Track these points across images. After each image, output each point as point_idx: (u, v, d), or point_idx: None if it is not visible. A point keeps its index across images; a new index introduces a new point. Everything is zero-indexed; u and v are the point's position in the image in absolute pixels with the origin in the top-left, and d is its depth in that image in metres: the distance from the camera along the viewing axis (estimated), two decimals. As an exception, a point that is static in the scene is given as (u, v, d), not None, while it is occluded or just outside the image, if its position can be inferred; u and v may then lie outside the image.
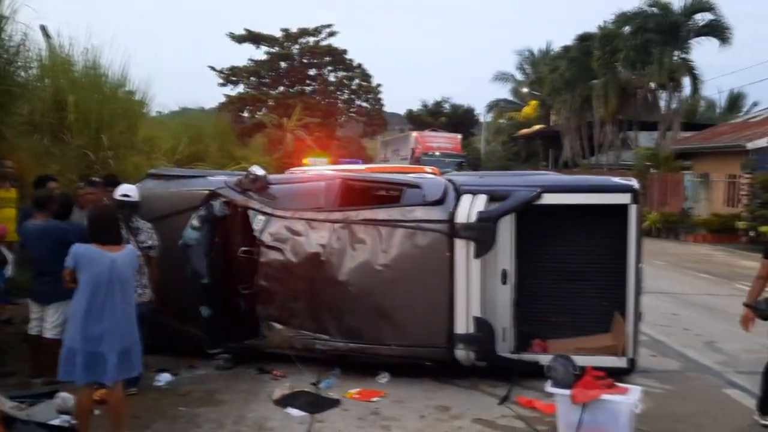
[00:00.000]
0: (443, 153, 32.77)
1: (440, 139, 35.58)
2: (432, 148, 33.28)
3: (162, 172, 7.79)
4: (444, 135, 37.43)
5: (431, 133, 37.38)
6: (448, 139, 35.71)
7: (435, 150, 32.87)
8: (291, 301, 6.55)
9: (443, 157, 31.30)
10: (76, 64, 12.71)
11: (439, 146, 33.71)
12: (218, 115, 28.58)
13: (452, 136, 36.72)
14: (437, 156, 31.42)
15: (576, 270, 6.72)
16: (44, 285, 5.92)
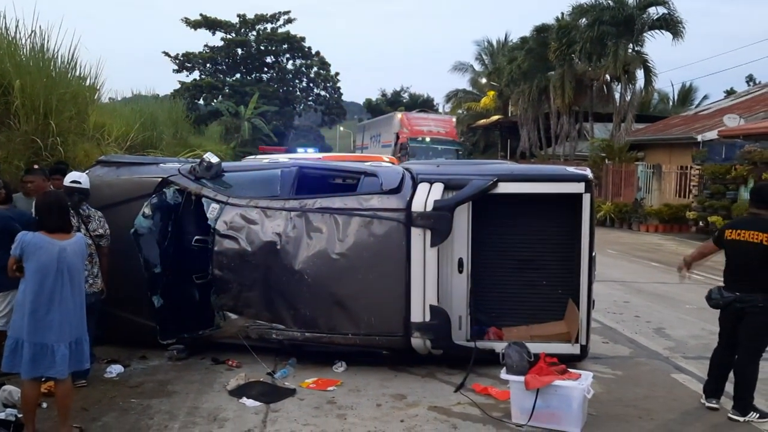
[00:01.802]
0: (435, 139, 27.46)
1: (431, 122, 29.64)
2: (421, 132, 27.72)
3: (112, 159, 7.57)
4: (436, 117, 31.65)
5: (420, 115, 31.13)
6: (440, 122, 29.85)
7: (425, 135, 27.34)
8: (246, 291, 6.47)
9: (435, 144, 26.69)
10: (23, 47, 12.26)
11: (429, 130, 28.10)
12: (172, 102, 27.97)
13: (445, 119, 31.06)
14: (427, 143, 26.58)
15: (531, 258, 6.82)
16: None
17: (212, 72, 48.97)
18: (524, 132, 36.15)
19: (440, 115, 33.38)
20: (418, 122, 29.15)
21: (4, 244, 5.52)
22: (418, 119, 29.72)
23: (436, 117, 31.97)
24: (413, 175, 6.57)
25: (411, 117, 29.96)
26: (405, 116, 29.65)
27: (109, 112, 17.87)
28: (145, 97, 25.00)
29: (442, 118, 31.58)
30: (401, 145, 26.54)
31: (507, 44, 42.06)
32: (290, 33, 49.49)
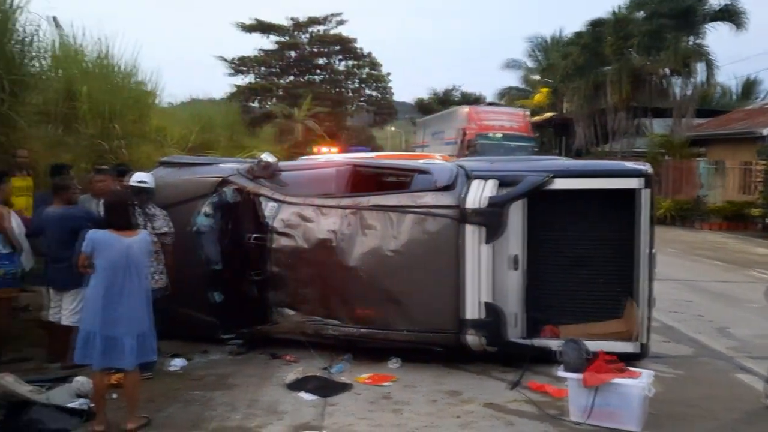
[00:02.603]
0: (507, 135, 23.90)
1: (502, 115, 25.73)
2: (491, 127, 24.14)
3: (173, 160, 7.83)
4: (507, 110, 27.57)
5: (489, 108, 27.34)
6: (512, 116, 25.81)
7: (495, 130, 23.93)
8: (302, 287, 6.60)
9: (507, 141, 23.32)
10: (88, 54, 12.79)
11: (500, 125, 24.43)
12: (227, 105, 28.62)
13: (518, 112, 27.03)
14: (498, 139, 23.32)
15: (588, 256, 6.70)
16: (59, 272, 6.02)
17: (265, 75, 49.79)
18: (579, 129, 35.49)
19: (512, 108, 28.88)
20: (487, 116, 25.10)
21: (74, 243, 5.82)
22: (487, 113, 25.68)
23: (508, 110, 27.58)
24: (467, 171, 6.56)
25: (479, 111, 26.09)
26: (472, 110, 26.09)
27: (169, 115, 18.46)
28: (201, 101, 25.67)
29: (514, 112, 27.14)
30: (468, 142, 23.35)
31: (560, 40, 41.40)
32: (342, 35, 49.88)
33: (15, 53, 8.37)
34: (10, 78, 7.69)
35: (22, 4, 8.30)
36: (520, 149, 22.57)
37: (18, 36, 8.55)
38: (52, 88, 11.03)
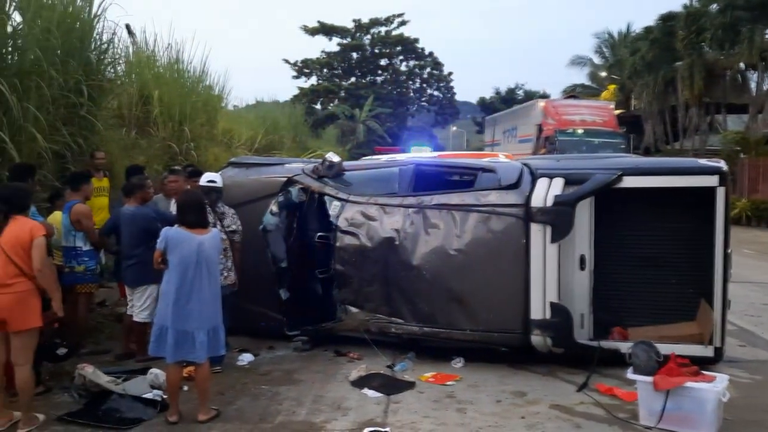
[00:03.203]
0: (590, 130, 21.08)
1: (584, 109, 22.83)
2: (572, 122, 21.39)
3: (242, 161, 8.04)
4: (589, 103, 24.65)
5: (569, 102, 24.34)
6: (595, 110, 22.95)
7: (577, 125, 21.17)
8: (366, 285, 6.65)
9: (591, 137, 20.59)
10: (160, 59, 13.29)
11: (582, 119, 21.71)
12: (292, 107, 29.15)
13: (602, 105, 24.11)
14: (580, 135, 20.59)
15: (658, 256, 6.51)
16: (130, 268, 6.29)
17: (329, 77, 50.47)
18: (648, 126, 34.43)
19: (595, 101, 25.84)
20: (568, 110, 22.34)
21: (144, 241, 6.07)
22: (567, 107, 22.91)
23: (590, 103, 24.65)
24: (532, 170, 6.47)
25: (558, 105, 23.41)
26: (550, 104, 23.34)
27: (235, 118, 18.96)
28: (266, 103, 26.21)
29: (598, 105, 24.25)
30: (546, 138, 20.91)
31: (629, 35, 40.26)
32: (404, 35, 50.04)
33: (93, 60, 8.77)
34: (88, 83, 8.06)
35: (100, 13, 8.70)
36: (605, 146, 19.80)
37: (96, 43, 8.96)
38: (126, 92, 11.52)
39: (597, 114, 22.57)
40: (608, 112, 23.11)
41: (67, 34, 7.87)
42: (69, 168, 7.54)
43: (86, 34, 8.52)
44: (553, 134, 20.94)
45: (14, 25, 7.34)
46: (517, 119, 26.76)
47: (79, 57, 8.05)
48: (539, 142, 21.95)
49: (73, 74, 7.74)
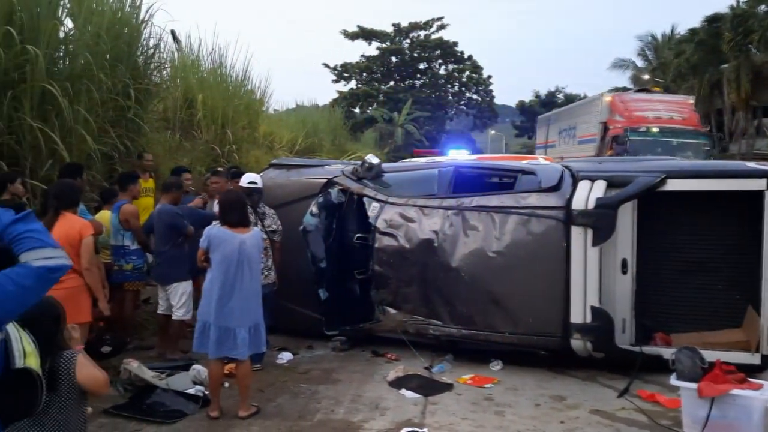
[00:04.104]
0: (667, 129, 17.57)
1: (658, 104, 19.10)
2: (645, 120, 17.93)
3: (283, 162, 8.17)
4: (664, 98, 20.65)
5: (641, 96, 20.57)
6: (672, 105, 19.20)
7: (650, 123, 17.68)
8: (404, 287, 6.67)
9: (669, 137, 17.26)
10: (204, 64, 13.58)
11: (657, 116, 18.17)
12: (331, 110, 29.38)
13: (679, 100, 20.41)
14: (655, 134, 17.18)
15: (703, 260, 6.36)
16: (159, 266, 6.43)
17: (368, 80, 50.72)
18: (693, 130, 33.65)
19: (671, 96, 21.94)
20: (639, 105, 18.89)
21: (171, 239, 6.22)
22: (638, 101, 19.35)
23: (667, 98, 20.76)
24: (573, 172, 6.41)
25: (628, 99, 19.76)
26: (618, 98, 19.78)
27: (276, 121, 19.20)
28: (306, 107, 26.48)
29: (676, 100, 20.46)
30: (614, 138, 17.81)
31: (673, 37, 39.48)
32: (443, 39, 49.99)
33: (140, 64, 9.01)
34: (135, 87, 8.28)
35: (147, 18, 8.94)
36: (685, 147, 16.85)
37: (143, 48, 9.21)
38: (171, 96, 11.80)
39: (675, 110, 18.91)
40: (688, 108, 19.39)
41: (115, 39, 8.11)
42: (117, 169, 7.76)
43: (134, 39, 8.77)
44: (622, 133, 17.51)
45: (66, 30, 7.60)
46: (576, 117, 23.01)
47: (127, 61, 8.29)
48: (604, 143, 18.80)
49: (122, 78, 7.97)
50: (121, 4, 8.61)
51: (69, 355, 2.93)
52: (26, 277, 1.94)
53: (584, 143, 20.88)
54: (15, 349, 2.05)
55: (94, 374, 2.95)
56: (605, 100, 19.92)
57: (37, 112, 6.57)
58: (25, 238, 1.99)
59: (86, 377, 2.92)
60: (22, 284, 1.93)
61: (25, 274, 1.95)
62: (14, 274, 1.94)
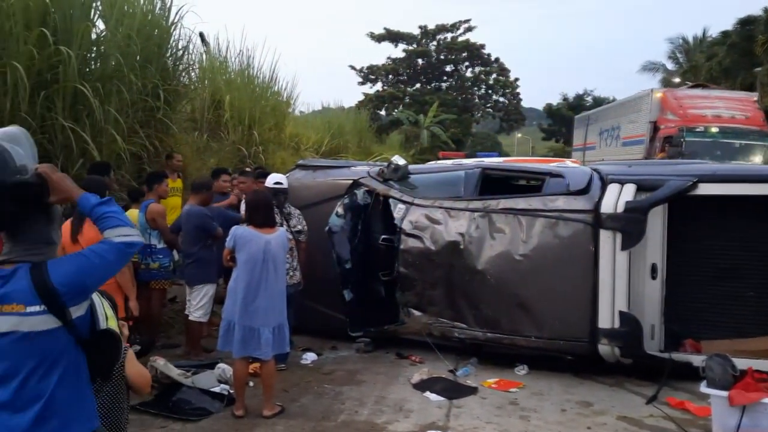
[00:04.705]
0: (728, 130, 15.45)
1: (717, 101, 16.90)
2: (702, 118, 15.82)
3: (309, 163, 8.20)
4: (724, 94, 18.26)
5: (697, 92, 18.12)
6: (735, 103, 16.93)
7: (709, 122, 15.60)
8: (429, 289, 6.64)
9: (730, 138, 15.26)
10: (232, 65, 13.70)
11: (716, 115, 16.00)
12: (357, 112, 29.45)
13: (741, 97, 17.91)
14: (713, 134, 15.16)
15: (735, 266, 6.22)
16: (186, 267, 6.46)
17: (394, 83, 50.74)
18: (725, 134, 33.01)
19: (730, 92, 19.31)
20: (696, 103, 16.63)
21: (198, 240, 6.25)
22: (695, 98, 17.05)
23: (726, 94, 18.36)
24: (602, 175, 6.33)
25: (683, 95, 17.33)
26: (671, 95, 17.39)
27: (302, 123, 19.30)
28: (332, 109, 26.59)
29: (737, 97, 18.02)
30: (666, 139, 15.66)
31: (705, 40, 38.86)
32: (470, 41, 49.81)
33: (170, 65, 9.12)
34: (165, 88, 8.38)
35: (177, 20, 9.05)
36: (748, 150, 15.08)
37: (172, 50, 9.32)
38: (199, 97, 11.92)
39: (737, 108, 16.64)
40: (751, 106, 16.96)
41: (146, 40, 8.22)
42: (145, 168, 7.86)
43: (164, 41, 8.88)
44: (677, 134, 15.30)
45: (98, 32, 7.72)
46: (620, 116, 20.57)
47: (156, 62, 8.39)
48: (654, 144, 16.65)
49: (151, 79, 8.07)
50: (151, 6, 8.73)
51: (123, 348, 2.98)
52: (108, 251, 2.30)
53: (630, 145, 18.84)
54: (99, 314, 2.35)
55: (141, 371, 3.01)
56: (656, 96, 17.63)
57: (69, 112, 6.68)
58: (107, 218, 2.35)
59: (135, 373, 2.97)
60: (106, 258, 2.30)
61: (108, 249, 2.31)
62: (99, 249, 2.31)
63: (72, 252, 2.40)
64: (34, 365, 2.22)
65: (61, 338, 2.25)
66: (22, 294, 2.20)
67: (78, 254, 2.33)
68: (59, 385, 2.24)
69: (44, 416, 2.23)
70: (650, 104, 17.55)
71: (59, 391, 2.24)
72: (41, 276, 2.22)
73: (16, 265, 2.25)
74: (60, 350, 2.25)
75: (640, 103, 18.76)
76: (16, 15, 6.34)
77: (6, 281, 2.22)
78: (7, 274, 2.23)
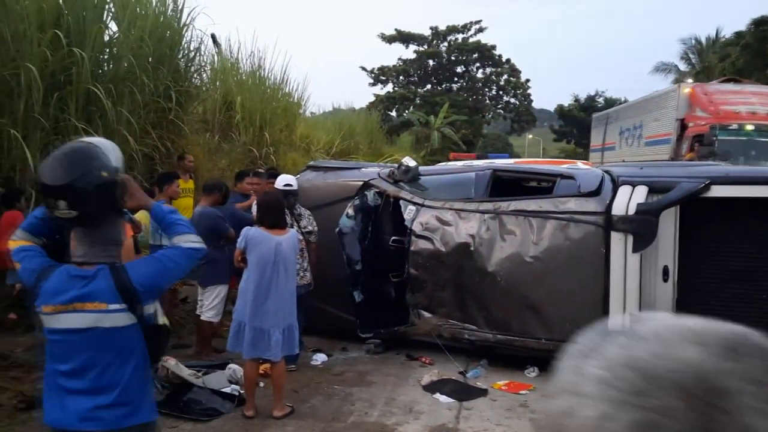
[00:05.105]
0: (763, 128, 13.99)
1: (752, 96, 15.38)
2: (737, 116, 14.38)
3: (320, 164, 8.21)
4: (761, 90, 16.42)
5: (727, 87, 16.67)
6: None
7: (745, 119, 14.19)
8: (439, 290, 6.64)
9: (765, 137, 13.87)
10: (243, 66, 13.77)
11: (752, 111, 14.46)
12: (368, 113, 29.49)
13: None
14: (750, 133, 13.84)
15: (748, 269, 6.16)
16: (200, 268, 6.46)
17: (404, 84, 50.72)
18: (739, 135, 32.75)
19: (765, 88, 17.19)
20: (728, 99, 15.19)
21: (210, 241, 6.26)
22: (726, 93, 15.62)
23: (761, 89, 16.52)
24: (613, 177, 6.29)
25: (714, 91, 15.83)
26: (701, 90, 15.96)
27: (313, 124, 19.36)
28: (343, 110, 26.63)
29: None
30: (697, 138, 14.20)
31: (718, 40, 38.58)
32: (481, 42, 49.70)
33: (181, 67, 9.18)
34: (176, 89, 8.44)
35: (188, 22, 9.11)
36: None
37: (184, 51, 9.38)
38: (211, 98, 11.99)
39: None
40: None
41: (158, 42, 8.28)
42: (157, 169, 7.91)
43: (176, 43, 8.95)
44: (708, 132, 13.84)
45: (111, 34, 7.79)
46: (643, 114, 18.94)
47: (168, 64, 8.46)
48: (681, 144, 15.33)
49: (163, 80, 8.14)
50: (163, 8, 8.79)
51: None
52: (180, 256, 2.62)
53: (654, 144, 17.40)
54: (157, 310, 2.63)
55: None
56: (684, 91, 16.23)
57: (81, 113, 6.74)
58: (179, 225, 2.68)
59: None
60: (177, 261, 2.61)
61: (180, 254, 2.62)
62: (172, 254, 2.62)
63: None
64: (112, 357, 2.48)
65: (135, 333, 2.51)
66: (104, 293, 2.44)
67: (153, 258, 2.66)
68: (132, 375, 2.51)
69: (118, 402, 2.48)
70: (677, 100, 16.22)
71: (131, 381, 2.50)
72: (122, 277, 2.46)
73: (96, 266, 2.47)
74: (134, 344, 2.52)
75: (665, 99, 17.44)
76: (30, 17, 6.40)
77: (90, 281, 2.45)
78: (90, 274, 2.45)
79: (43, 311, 2.48)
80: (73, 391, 2.47)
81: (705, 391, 0.53)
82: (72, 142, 2.59)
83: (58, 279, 2.46)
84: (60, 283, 2.45)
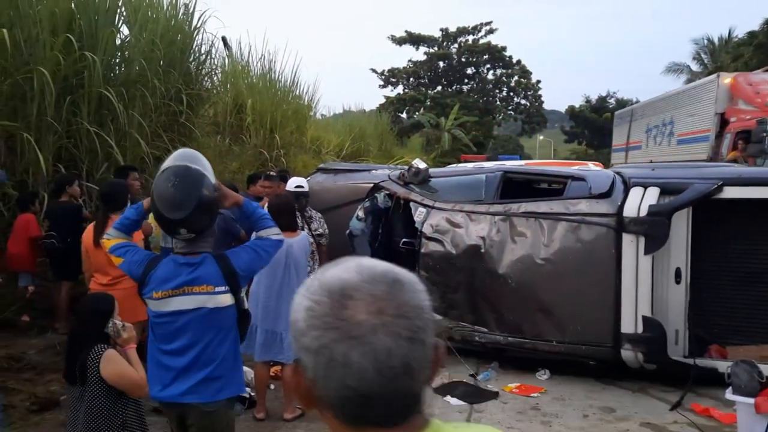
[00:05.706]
0: None
1: None
2: None
3: (330, 167, 8.22)
4: None
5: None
6: None
7: None
8: (450, 293, 6.62)
9: None
10: (254, 69, 13.83)
11: None
12: (378, 115, 29.51)
13: None
14: None
15: (762, 271, 6.11)
16: None
17: (415, 86, 50.70)
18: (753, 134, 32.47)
19: None
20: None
21: (224, 241, 6.28)
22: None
23: None
24: (625, 178, 6.26)
25: (758, 81, 13.99)
26: (743, 80, 14.19)
27: (323, 126, 19.39)
28: (353, 112, 26.66)
29: None
30: (741, 134, 12.73)
31: (731, 40, 38.28)
32: (491, 43, 49.60)
33: (192, 70, 9.23)
34: (188, 92, 8.49)
35: (199, 25, 9.16)
36: None
37: (195, 54, 9.43)
38: (221, 101, 12.05)
39: None
40: None
41: (169, 45, 8.33)
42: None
43: (187, 46, 9.00)
44: (757, 127, 11.99)
45: (122, 37, 7.85)
46: (674, 108, 16.90)
47: (179, 67, 8.51)
48: (722, 141, 13.74)
49: (174, 83, 8.18)
50: (175, 12, 8.84)
51: (98, 350, 3.00)
52: (270, 246, 3.06)
53: (688, 143, 15.62)
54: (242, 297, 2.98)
55: (120, 371, 3.01)
56: (724, 82, 14.39)
57: (93, 116, 6.79)
58: (266, 218, 3.11)
59: (111, 373, 2.98)
60: (267, 251, 3.04)
61: (269, 244, 3.06)
62: (262, 244, 3.05)
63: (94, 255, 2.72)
64: (213, 335, 2.79)
65: (233, 313, 2.88)
66: (211, 277, 2.80)
67: (248, 247, 3.05)
68: (228, 353, 2.83)
69: (212, 377, 2.79)
70: (716, 92, 14.39)
71: (227, 356, 2.82)
72: (227, 263, 2.84)
73: (201, 254, 2.84)
74: (231, 323, 2.87)
75: (701, 91, 15.51)
76: (42, 22, 6.46)
77: (197, 267, 2.80)
78: (197, 261, 2.81)
79: (153, 297, 2.80)
80: (177, 368, 2.79)
81: (339, 292, 0.91)
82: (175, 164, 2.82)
83: (167, 267, 2.80)
84: (169, 271, 2.78)
